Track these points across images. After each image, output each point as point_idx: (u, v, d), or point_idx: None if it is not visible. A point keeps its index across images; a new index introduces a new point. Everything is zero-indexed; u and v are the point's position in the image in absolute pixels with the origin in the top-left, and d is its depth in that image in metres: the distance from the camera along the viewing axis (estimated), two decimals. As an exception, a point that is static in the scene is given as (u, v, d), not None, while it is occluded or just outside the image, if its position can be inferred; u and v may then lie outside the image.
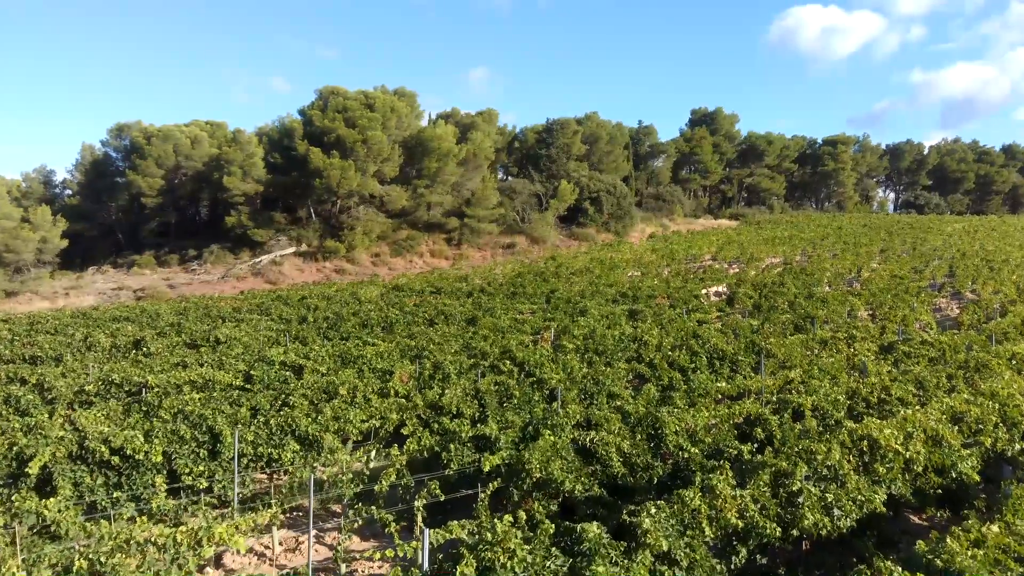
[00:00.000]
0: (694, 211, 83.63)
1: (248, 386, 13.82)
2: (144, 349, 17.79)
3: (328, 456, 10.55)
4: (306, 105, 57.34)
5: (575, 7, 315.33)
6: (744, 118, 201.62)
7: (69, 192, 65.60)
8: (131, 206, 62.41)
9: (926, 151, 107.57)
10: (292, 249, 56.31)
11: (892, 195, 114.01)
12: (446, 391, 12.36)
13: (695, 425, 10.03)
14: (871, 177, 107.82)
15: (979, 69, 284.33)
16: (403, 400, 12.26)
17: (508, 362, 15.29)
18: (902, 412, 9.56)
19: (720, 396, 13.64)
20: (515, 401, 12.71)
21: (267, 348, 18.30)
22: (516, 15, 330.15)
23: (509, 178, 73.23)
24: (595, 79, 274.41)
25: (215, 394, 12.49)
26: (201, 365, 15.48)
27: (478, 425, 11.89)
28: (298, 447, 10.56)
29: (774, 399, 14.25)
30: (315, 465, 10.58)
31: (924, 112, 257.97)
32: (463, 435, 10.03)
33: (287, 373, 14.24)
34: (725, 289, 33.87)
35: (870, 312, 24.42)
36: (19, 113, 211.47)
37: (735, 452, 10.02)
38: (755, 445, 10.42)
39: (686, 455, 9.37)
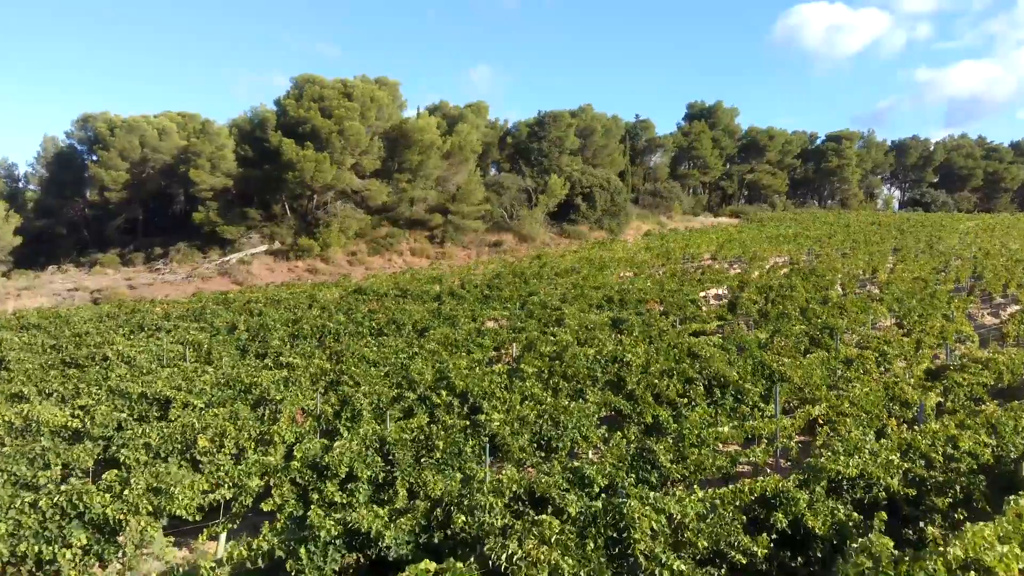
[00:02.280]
0: (693, 208, 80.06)
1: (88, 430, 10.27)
2: (-1, 371, 14.29)
3: (133, 552, 7.02)
4: (282, 95, 53.73)
5: (580, 5, 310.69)
6: (747, 116, 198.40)
7: (32, 187, 62.11)
8: (99, 201, 59.07)
9: (932, 147, 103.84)
10: (264, 247, 52.78)
11: (897, 193, 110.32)
12: (335, 444, 8.80)
13: (682, 515, 6.50)
14: (876, 174, 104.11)
15: (985, 67, 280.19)
16: (270, 459, 8.69)
17: (445, 392, 11.73)
18: (1012, 505, 6.04)
19: (721, 444, 10.12)
20: (438, 455, 9.18)
21: (161, 368, 14.79)
22: (520, 13, 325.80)
23: (501, 173, 69.73)
24: (596, 76, 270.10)
25: (7, 447, 8.93)
26: (49, 395, 11.93)
27: (385, 491, 8.42)
28: (88, 539, 7.02)
29: (794, 446, 10.71)
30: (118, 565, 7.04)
31: (929, 110, 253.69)
32: (323, 532, 6.46)
33: (122, 416, 10.62)
34: (726, 292, 30.33)
35: (896, 320, 20.87)
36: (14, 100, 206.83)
37: (745, 556, 6.51)
38: (773, 538, 6.91)
39: (666, 574, 5.84)
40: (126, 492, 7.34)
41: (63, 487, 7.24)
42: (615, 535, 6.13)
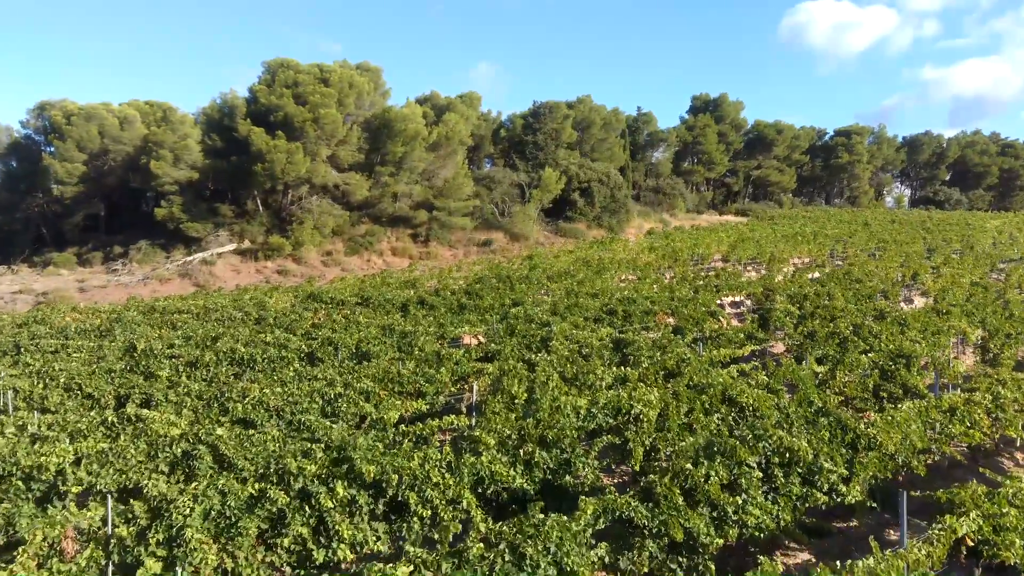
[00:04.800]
0: (697, 206, 75.55)
1: None
2: None
3: None
4: (254, 82, 49.15)
5: (582, 3, 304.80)
6: (751, 113, 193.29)
7: (-15, 180, 57.58)
8: (58, 196, 54.59)
9: (945, 144, 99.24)
10: (232, 246, 48.23)
11: (908, 191, 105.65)
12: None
13: None
14: (886, 171, 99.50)
15: (991, 65, 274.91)
16: None
17: (344, 484, 7.20)
18: None
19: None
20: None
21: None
22: (522, 10, 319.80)
23: (493, 167, 65.18)
24: (599, 75, 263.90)
25: None
26: None
27: None
28: None
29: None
30: None
31: (933, 109, 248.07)
32: None
33: None
34: (747, 299, 25.86)
35: (980, 342, 16.36)
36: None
37: None
38: None
39: None
40: None
41: None
42: None
